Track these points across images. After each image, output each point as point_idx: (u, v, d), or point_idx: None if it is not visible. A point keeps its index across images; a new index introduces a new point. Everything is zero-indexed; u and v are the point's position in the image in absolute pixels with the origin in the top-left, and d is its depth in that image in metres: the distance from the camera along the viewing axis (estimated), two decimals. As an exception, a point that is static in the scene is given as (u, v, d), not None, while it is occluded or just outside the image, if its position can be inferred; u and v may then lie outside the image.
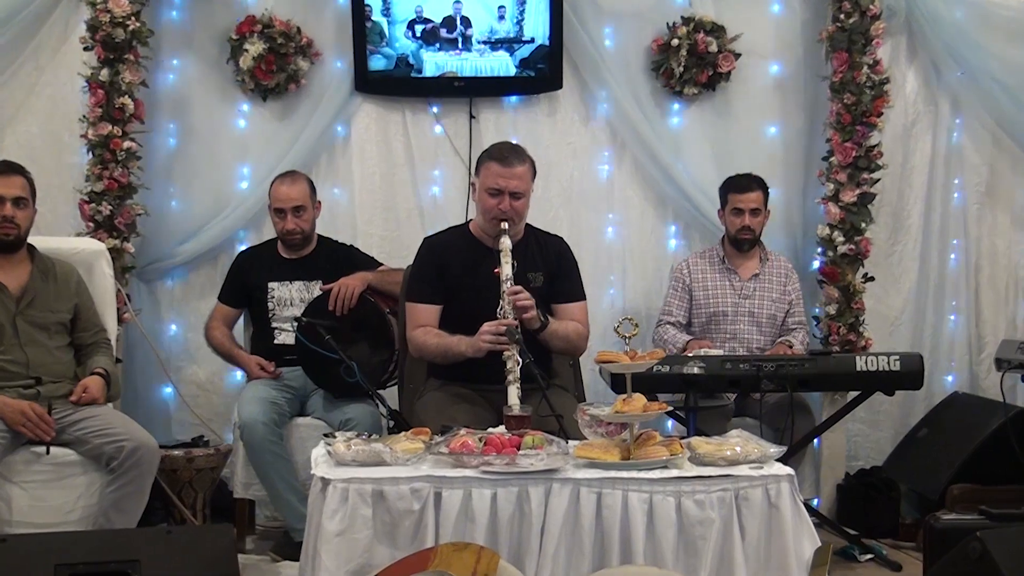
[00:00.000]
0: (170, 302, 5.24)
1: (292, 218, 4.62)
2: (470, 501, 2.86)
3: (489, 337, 3.67)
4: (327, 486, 2.86)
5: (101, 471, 3.73)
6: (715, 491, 2.92)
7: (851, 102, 5.09)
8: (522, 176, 3.89)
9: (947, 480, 4.67)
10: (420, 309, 3.97)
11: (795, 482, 2.99)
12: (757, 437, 3.18)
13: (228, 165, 5.23)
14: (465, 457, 2.93)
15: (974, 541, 2.91)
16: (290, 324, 4.52)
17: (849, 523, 4.84)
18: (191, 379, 5.20)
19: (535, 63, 5.22)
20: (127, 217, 4.85)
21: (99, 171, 4.81)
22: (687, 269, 5.00)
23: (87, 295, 4.12)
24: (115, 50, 4.80)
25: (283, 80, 5.10)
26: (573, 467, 2.97)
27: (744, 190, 4.89)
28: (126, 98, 4.80)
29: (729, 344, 4.85)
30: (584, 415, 3.13)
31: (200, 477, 4.60)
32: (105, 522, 3.69)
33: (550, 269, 4.02)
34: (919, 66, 5.43)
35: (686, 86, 5.27)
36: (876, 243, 5.25)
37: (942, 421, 5.14)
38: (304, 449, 4.28)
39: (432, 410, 3.80)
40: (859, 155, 5.10)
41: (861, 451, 5.44)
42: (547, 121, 5.37)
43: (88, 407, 3.83)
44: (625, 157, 5.40)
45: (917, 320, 5.49)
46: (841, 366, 4.33)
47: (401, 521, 2.85)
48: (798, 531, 2.95)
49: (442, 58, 5.20)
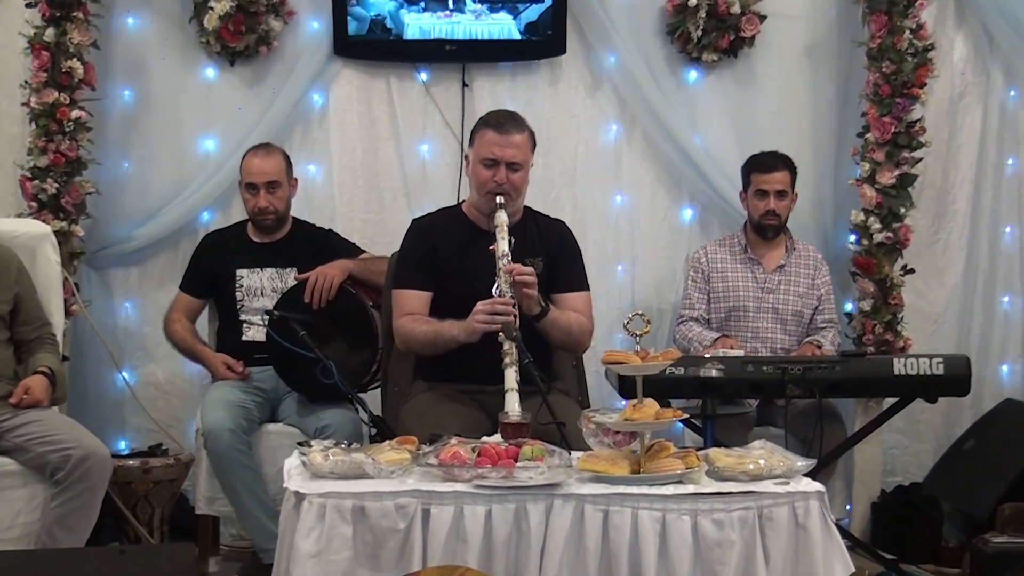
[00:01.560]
0: (124, 292, 5.24)
1: (265, 195, 4.62)
2: (462, 519, 2.86)
3: (483, 317, 3.67)
4: (301, 501, 2.86)
5: (45, 483, 3.72)
6: (736, 509, 2.92)
7: (890, 71, 5.09)
8: (520, 145, 3.90)
9: (997, 498, 4.69)
10: (408, 295, 3.98)
11: (825, 500, 3.00)
12: (782, 449, 3.19)
13: (191, 138, 5.23)
14: (456, 470, 2.94)
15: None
16: (260, 317, 4.52)
17: (885, 546, 4.86)
18: (148, 379, 5.21)
19: (544, 28, 5.20)
20: (75, 196, 4.85)
21: (43, 144, 4.81)
22: (705, 258, 5.01)
23: (29, 284, 4.11)
24: (61, 7, 4.79)
25: (253, 42, 5.10)
26: (577, 481, 2.97)
27: (769, 170, 4.89)
28: (74, 61, 4.80)
29: (751, 344, 4.86)
30: (589, 423, 3.14)
31: (158, 490, 4.61)
32: (49, 541, 3.69)
33: (551, 255, 4.03)
34: (968, 31, 5.45)
35: (705, 52, 5.28)
36: (917, 231, 5.26)
37: (991, 432, 5.16)
38: (275, 459, 4.27)
39: (419, 416, 3.81)
40: (899, 131, 5.11)
41: (899, 465, 5.46)
42: (548, 90, 5.37)
43: (30, 411, 3.82)
44: (635, 131, 5.41)
45: (963, 318, 5.51)
46: (877, 369, 4.32)
47: (385, 541, 2.85)
48: (828, 555, 2.96)
49: (428, 21, 5.17)
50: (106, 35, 5.05)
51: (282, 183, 4.66)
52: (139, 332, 5.23)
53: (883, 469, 5.31)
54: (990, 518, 4.63)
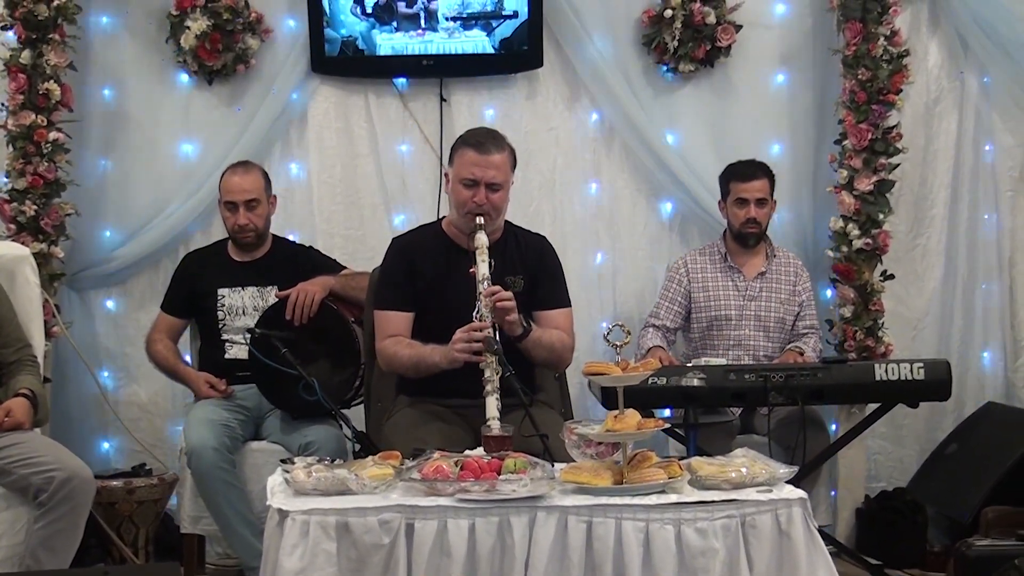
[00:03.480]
0: (106, 313, 5.23)
1: (245, 213, 4.62)
2: (446, 533, 2.87)
3: (462, 345, 3.68)
4: (285, 518, 2.86)
5: (28, 505, 3.70)
6: (719, 518, 2.93)
7: (866, 78, 5.11)
8: (500, 165, 3.90)
9: (980, 502, 4.70)
10: (390, 317, 3.98)
11: (808, 506, 3.01)
12: (765, 456, 3.20)
13: (170, 156, 5.23)
14: (439, 484, 2.94)
15: (1012, 570, 2.94)
16: (242, 336, 4.51)
17: (870, 552, 4.87)
18: (131, 400, 5.19)
19: (519, 43, 5.22)
20: (55, 218, 4.84)
21: (21, 166, 4.79)
22: (685, 268, 5.02)
23: (8, 306, 4.08)
24: (38, 29, 4.79)
25: (230, 60, 5.10)
26: (560, 493, 2.98)
27: (748, 178, 4.91)
28: (51, 83, 4.79)
29: (733, 352, 4.88)
30: (571, 434, 3.15)
31: (142, 511, 4.59)
32: (33, 563, 3.66)
33: (531, 272, 4.03)
34: (942, 37, 5.47)
35: (681, 62, 5.29)
36: (896, 236, 5.28)
37: (974, 436, 5.18)
38: (259, 477, 4.28)
39: (402, 431, 3.81)
40: (875, 137, 5.12)
41: (882, 471, 5.47)
42: (526, 103, 5.39)
43: (12, 433, 3.79)
44: (614, 143, 5.42)
45: (943, 323, 5.52)
46: (858, 375, 4.34)
47: (369, 557, 2.85)
48: (812, 561, 2.97)
49: (400, 40, 5.19)
50: (83, 57, 5.03)
51: (261, 200, 4.66)
52: (121, 353, 5.21)
53: (867, 475, 5.32)
54: (974, 521, 4.64)
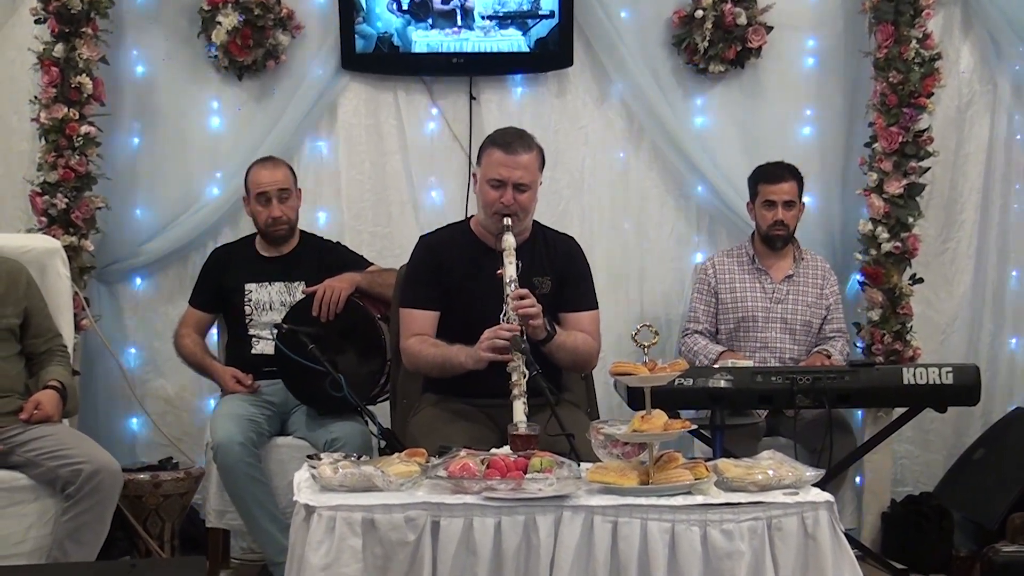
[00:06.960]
0: (134, 307, 5.25)
1: (278, 204, 4.62)
2: (471, 531, 2.86)
3: (488, 344, 3.68)
4: (311, 514, 2.86)
5: (56, 497, 3.73)
6: (745, 520, 2.92)
7: (897, 81, 5.09)
8: (528, 166, 3.89)
9: (1007, 508, 4.68)
10: (415, 315, 3.98)
11: (835, 510, 2.99)
12: (792, 459, 3.19)
13: (200, 152, 5.25)
14: (466, 482, 2.94)
15: (1039, 576, 2.93)
16: (269, 331, 4.52)
17: (896, 556, 4.85)
18: (158, 393, 5.22)
19: (553, 43, 5.21)
20: (85, 211, 4.87)
21: (53, 159, 4.82)
22: (712, 269, 5.01)
23: (39, 297, 4.11)
24: (71, 23, 4.81)
25: (261, 56, 5.12)
26: (586, 493, 2.98)
27: (776, 180, 4.90)
28: (84, 77, 4.82)
29: (760, 354, 4.86)
30: (598, 434, 3.14)
31: (168, 504, 4.61)
32: (60, 555, 3.70)
33: (559, 274, 4.03)
34: (975, 40, 5.44)
35: (711, 63, 5.28)
36: (925, 240, 5.26)
37: (1002, 441, 5.15)
38: (285, 472, 4.29)
39: (428, 428, 3.82)
40: (906, 141, 5.10)
41: (909, 475, 5.45)
42: (556, 102, 5.38)
43: (41, 425, 3.82)
44: (643, 143, 5.41)
45: (973, 327, 5.50)
46: (886, 379, 4.32)
47: (394, 554, 2.85)
48: (838, 565, 2.96)
49: (436, 38, 5.19)
50: (115, 51, 5.05)
51: (292, 191, 4.68)
52: (149, 346, 5.24)
53: (893, 479, 5.30)
54: (1000, 527, 4.63)
